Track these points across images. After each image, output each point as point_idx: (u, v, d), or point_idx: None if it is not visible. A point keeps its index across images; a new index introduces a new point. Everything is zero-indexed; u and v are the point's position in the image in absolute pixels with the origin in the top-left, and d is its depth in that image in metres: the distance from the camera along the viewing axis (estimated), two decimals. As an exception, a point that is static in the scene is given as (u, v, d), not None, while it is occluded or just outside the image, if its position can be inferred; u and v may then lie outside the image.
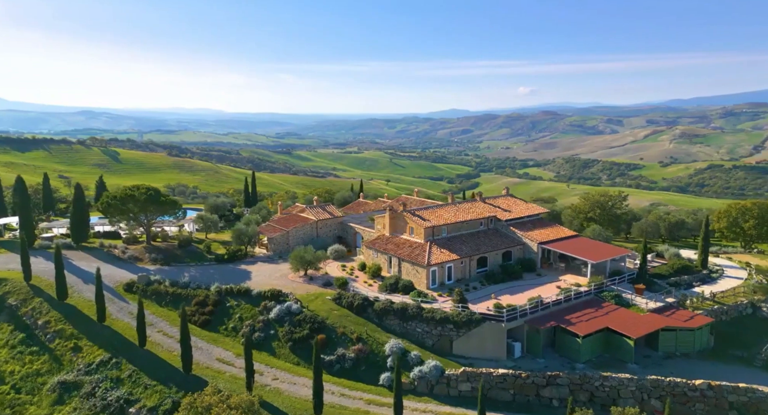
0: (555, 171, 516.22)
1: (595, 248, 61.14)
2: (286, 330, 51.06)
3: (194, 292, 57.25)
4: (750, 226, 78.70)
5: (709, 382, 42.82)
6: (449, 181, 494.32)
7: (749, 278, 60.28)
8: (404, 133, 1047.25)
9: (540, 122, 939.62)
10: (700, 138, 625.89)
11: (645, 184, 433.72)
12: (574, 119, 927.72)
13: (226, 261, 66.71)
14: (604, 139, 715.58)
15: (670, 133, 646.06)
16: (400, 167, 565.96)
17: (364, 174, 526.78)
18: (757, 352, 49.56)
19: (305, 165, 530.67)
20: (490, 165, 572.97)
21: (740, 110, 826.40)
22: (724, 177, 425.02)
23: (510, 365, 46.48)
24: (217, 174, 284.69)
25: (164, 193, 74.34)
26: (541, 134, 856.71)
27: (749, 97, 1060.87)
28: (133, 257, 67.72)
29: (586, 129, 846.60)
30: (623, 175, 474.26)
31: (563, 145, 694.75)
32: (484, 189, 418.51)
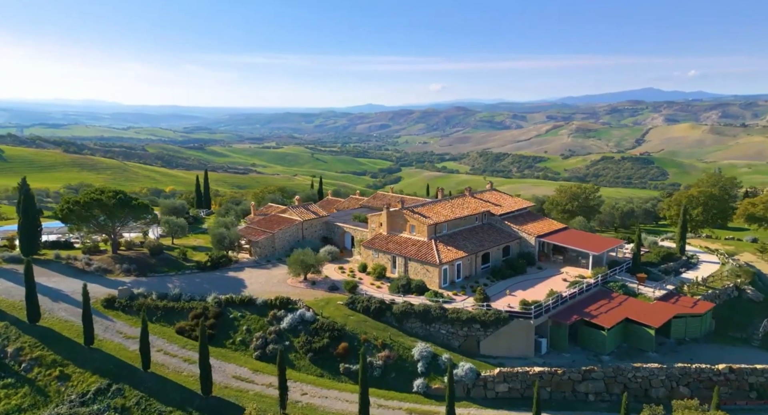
0: (470, 164, 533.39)
1: (592, 239, 62.39)
2: (303, 340, 47.44)
3: (189, 304, 51.84)
4: (698, 213, 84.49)
5: (731, 366, 44.18)
6: (372, 175, 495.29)
7: (724, 262, 64.45)
8: (323, 128, 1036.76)
9: (453, 118, 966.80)
10: (592, 132, 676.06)
11: (551, 175, 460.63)
12: (483, 115, 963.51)
13: (210, 268, 61.19)
14: (512, 133, 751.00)
15: (568, 128, 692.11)
16: (323, 162, 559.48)
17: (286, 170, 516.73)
18: (753, 332, 52.32)
19: (221, 161, 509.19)
20: (410, 159, 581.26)
21: (623, 107, 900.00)
22: (615, 167, 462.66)
23: (540, 362, 45.79)
24: (125, 172, 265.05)
25: (133, 195, 66.88)
26: (455, 129, 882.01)
27: (629, 96, 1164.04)
28: (100, 269, 60.35)
29: (494, 124, 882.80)
30: (531, 167, 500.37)
31: (476, 140, 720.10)
32: (407, 183, 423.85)
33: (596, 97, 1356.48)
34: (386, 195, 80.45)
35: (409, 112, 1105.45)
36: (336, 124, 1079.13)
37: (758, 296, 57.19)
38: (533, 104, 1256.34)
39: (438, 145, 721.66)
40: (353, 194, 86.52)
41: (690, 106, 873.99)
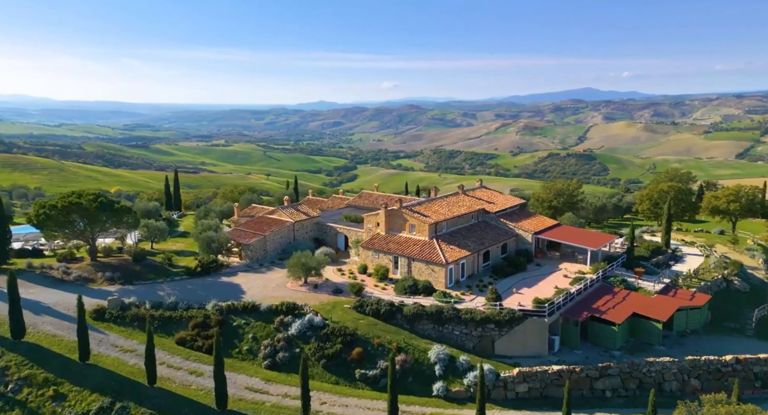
0: (424, 162, 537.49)
1: (588, 235, 62.80)
2: (315, 347, 45.31)
3: (187, 313, 48.60)
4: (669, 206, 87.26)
5: (737, 356, 44.91)
6: (328, 173, 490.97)
7: (707, 254, 66.69)
8: (274, 126, 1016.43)
9: (406, 115, 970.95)
10: (538, 130, 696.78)
11: (502, 171, 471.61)
12: (435, 113, 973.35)
13: (200, 274, 57.83)
14: (463, 131, 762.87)
15: (516, 126, 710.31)
16: (275, 160, 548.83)
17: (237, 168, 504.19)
18: (746, 322, 53.79)
19: (168, 160, 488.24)
20: (365, 157, 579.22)
21: (566, 106, 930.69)
22: (561, 164, 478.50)
23: (554, 359, 45.18)
24: (62, 172, 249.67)
25: (114, 198, 62.24)
26: (408, 127, 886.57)
27: (570, 95, 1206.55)
28: (81, 278, 55.95)
29: (446, 122, 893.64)
30: (483, 164, 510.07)
31: (429, 138, 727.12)
32: (363, 181, 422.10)
33: (541, 96, 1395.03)
34: (372, 194, 78.80)
35: (362, 109, 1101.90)
36: (288, 122, 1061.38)
37: (745, 286, 59.26)
38: (482, 103, 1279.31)
39: (392, 142, 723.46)
40: (337, 194, 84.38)
41: (625, 105, 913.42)
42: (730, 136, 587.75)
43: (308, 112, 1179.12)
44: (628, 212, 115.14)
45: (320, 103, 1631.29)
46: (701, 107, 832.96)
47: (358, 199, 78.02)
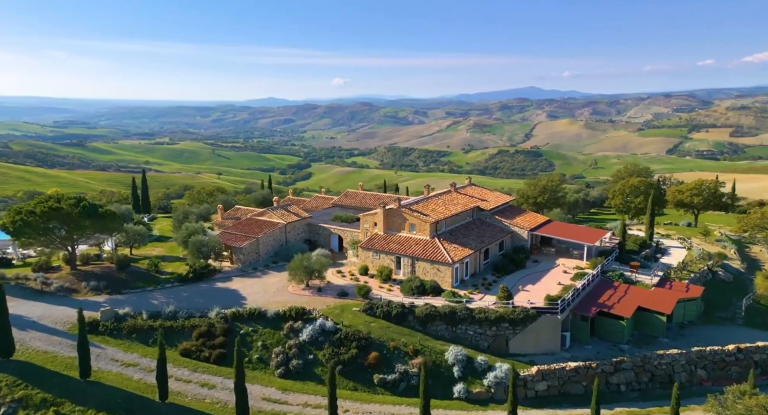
0: (379, 159, 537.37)
1: (582, 230, 63.26)
2: (329, 353, 43.47)
3: (189, 322, 45.66)
4: (640, 201, 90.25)
5: (738, 346, 46.01)
6: (281, 172, 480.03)
7: (688, 247, 69.03)
8: (221, 123, 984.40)
9: (358, 113, 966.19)
10: (487, 128, 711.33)
11: (455, 168, 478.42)
12: (387, 110, 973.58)
13: (193, 280, 54.62)
14: (416, 129, 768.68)
15: (466, 124, 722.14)
16: (225, 159, 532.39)
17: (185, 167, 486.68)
18: (735, 311, 55.37)
19: (107, 159, 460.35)
20: (318, 155, 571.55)
21: (512, 104, 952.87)
22: (510, 160, 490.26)
23: (567, 355, 45.11)
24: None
25: (97, 201, 57.65)
26: (360, 124, 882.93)
27: (515, 94, 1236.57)
28: (63, 289, 51.69)
29: (398, 120, 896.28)
30: (436, 161, 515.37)
31: (382, 135, 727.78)
32: (319, 179, 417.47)
33: (488, 95, 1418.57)
34: (358, 193, 77.26)
35: (313, 106, 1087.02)
36: (236, 119, 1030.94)
37: (728, 276, 61.48)
38: (432, 101, 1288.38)
39: (345, 140, 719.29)
40: (319, 193, 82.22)
41: (566, 103, 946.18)
42: (661, 133, 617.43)
43: (257, 109, 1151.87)
44: (594, 206, 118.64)
45: (270, 99, 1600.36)
46: (634, 106, 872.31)
47: (344, 198, 76.30)
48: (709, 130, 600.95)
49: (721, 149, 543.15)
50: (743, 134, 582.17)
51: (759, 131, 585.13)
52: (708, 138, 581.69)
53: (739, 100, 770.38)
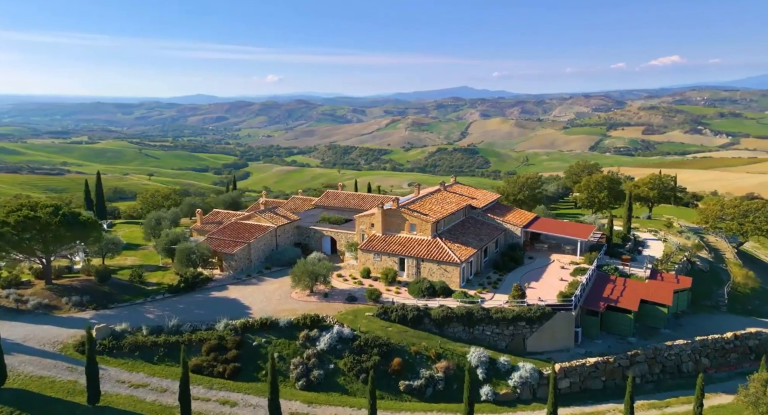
0: (320, 158, 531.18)
1: (573, 226, 63.61)
2: (351, 361, 41.48)
3: (195, 336, 42.11)
4: (604, 195, 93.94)
5: (735, 333, 47.78)
6: (216, 171, 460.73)
7: (663, 239, 72.09)
8: (146, 120, 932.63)
9: (295, 110, 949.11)
10: (425, 126, 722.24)
11: (397, 166, 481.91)
12: (325, 108, 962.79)
13: (185, 290, 50.69)
14: (355, 127, 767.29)
15: (405, 122, 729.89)
16: (154, 159, 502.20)
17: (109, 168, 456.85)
18: (718, 299, 57.56)
19: (15, 160, 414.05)
20: (255, 153, 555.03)
21: (447, 103, 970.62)
22: (449, 158, 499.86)
23: (581, 351, 45.14)
24: None
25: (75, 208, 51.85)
26: (298, 122, 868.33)
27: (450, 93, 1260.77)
28: (42, 306, 46.45)
29: (336, 118, 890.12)
30: (377, 159, 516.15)
31: (321, 133, 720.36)
32: (258, 178, 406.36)
33: (424, 94, 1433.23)
34: (339, 193, 75.09)
35: (247, 104, 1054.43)
36: (163, 116, 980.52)
37: (705, 266, 64.25)
38: (370, 99, 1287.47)
39: (283, 138, 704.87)
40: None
41: (497, 103, 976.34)
42: (583, 131, 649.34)
43: (186, 106, 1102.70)
44: (553, 201, 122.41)
45: (199, 96, 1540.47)
46: (558, 105, 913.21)
47: (325, 199, 73.93)
48: (624, 129, 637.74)
49: (635, 146, 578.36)
50: (653, 132, 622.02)
51: (667, 129, 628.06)
52: (624, 136, 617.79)
53: (649, 101, 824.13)
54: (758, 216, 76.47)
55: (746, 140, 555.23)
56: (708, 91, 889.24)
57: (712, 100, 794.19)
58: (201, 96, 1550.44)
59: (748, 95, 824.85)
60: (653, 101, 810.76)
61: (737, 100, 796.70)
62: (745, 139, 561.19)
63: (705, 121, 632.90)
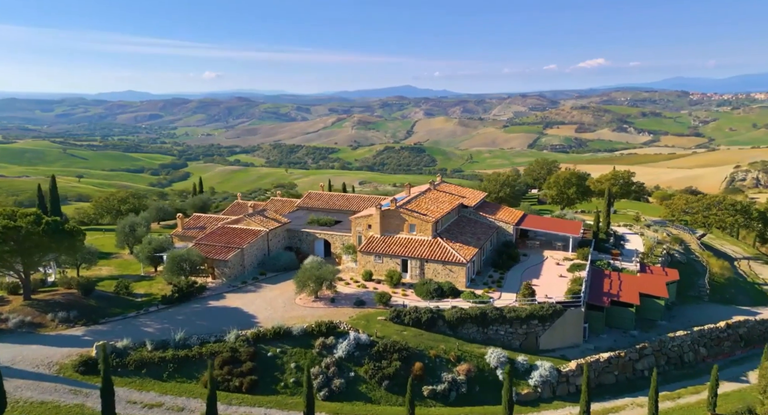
0: (264, 157, 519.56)
1: (563, 223, 64.47)
2: (371, 368, 40.17)
3: (205, 349, 39.48)
4: (572, 192, 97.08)
5: (727, 322, 49.72)
6: (153, 172, 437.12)
7: (640, 233, 74.96)
8: (70, 118, 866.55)
9: (236, 108, 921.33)
10: (372, 125, 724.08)
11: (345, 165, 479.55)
12: (267, 106, 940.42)
13: (180, 300, 47.69)
14: (300, 125, 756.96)
15: (351, 121, 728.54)
16: (81, 159, 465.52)
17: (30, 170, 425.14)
18: (700, 290, 59.74)
19: None
20: (195, 153, 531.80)
21: (392, 102, 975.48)
22: (396, 156, 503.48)
23: (591, 346, 45.69)
24: None
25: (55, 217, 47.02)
26: (239, 120, 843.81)
27: (394, 92, 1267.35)
28: (25, 324, 42.26)
29: (280, 116, 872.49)
30: (325, 158, 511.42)
31: (265, 132, 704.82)
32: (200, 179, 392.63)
33: (368, 92, 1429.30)
34: (322, 194, 73.25)
35: (184, 101, 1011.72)
36: (89, 114, 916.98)
37: (683, 258, 67.72)
38: (314, 97, 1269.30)
39: (224, 137, 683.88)
40: (275, 195, 76.62)
41: (441, 102, 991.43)
42: (522, 129, 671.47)
43: (115, 103, 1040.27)
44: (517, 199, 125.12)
45: (129, 93, 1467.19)
46: (498, 105, 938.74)
47: (308, 200, 71.96)
48: (559, 127, 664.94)
49: (569, 143, 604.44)
50: (585, 130, 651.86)
51: (597, 127, 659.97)
52: (559, 134, 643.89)
53: (579, 101, 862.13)
54: (721, 209, 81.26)
55: (665, 138, 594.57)
56: (630, 92, 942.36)
57: (634, 100, 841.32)
58: (132, 92, 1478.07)
59: (665, 96, 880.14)
60: (583, 101, 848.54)
61: (656, 100, 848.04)
62: (665, 136, 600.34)
63: (629, 120, 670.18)
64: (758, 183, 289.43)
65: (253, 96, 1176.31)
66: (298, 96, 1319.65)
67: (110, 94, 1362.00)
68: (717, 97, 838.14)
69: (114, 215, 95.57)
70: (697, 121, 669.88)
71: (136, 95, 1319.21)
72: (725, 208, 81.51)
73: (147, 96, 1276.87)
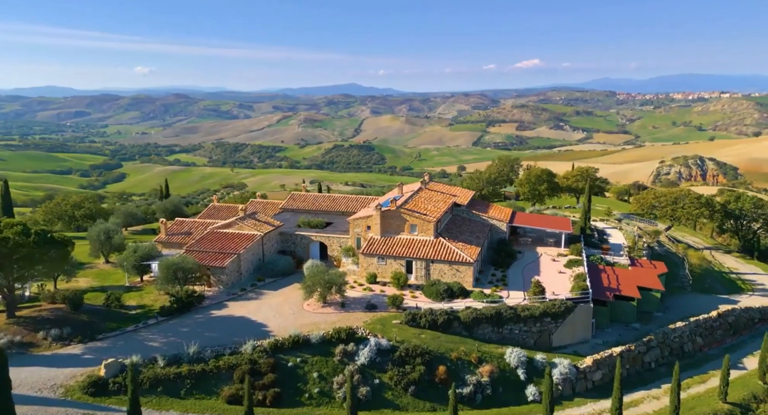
0: (207, 156, 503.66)
1: (554, 219, 65.69)
2: (395, 374, 39.21)
3: (221, 362, 37.46)
4: (543, 188, 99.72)
5: (718, 312, 51.99)
6: (83, 173, 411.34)
7: (619, 227, 77.96)
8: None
9: (173, 106, 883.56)
10: (318, 123, 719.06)
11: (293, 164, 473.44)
12: (207, 103, 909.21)
13: (179, 312, 45.19)
14: (243, 123, 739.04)
15: (297, 119, 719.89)
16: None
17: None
18: (683, 280, 62.58)
19: None
20: (130, 153, 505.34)
21: (338, 100, 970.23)
22: (345, 155, 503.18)
23: (599, 341, 46.54)
24: None
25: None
26: (177, 118, 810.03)
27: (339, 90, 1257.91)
28: (16, 344, 38.72)
29: (221, 113, 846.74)
30: (272, 156, 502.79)
31: (205, 130, 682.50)
32: (137, 180, 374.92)
33: (312, 90, 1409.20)
34: (307, 195, 71.47)
35: (114, 97, 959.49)
36: (4, 111, 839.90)
37: (662, 250, 71.00)
38: (256, 94, 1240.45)
39: (162, 136, 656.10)
40: (253, 197, 74.16)
41: (387, 100, 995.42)
42: (466, 127, 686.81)
43: (34, 99, 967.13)
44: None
45: (50, 88, 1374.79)
46: (442, 103, 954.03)
47: (292, 201, 70.05)
48: (501, 125, 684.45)
49: (511, 141, 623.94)
50: (525, 128, 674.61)
51: (536, 125, 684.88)
52: (501, 132, 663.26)
53: (519, 100, 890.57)
54: (687, 203, 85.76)
55: (597, 135, 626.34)
56: (564, 91, 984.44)
57: (568, 99, 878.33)
58: (53, 88, 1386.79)
59: (595, 96, 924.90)
60: (522, 100, 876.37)
61: (587, 99, 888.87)
62: (597, 134, 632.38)
63: (565, 119, 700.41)
64: (681, 176, 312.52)
65: (191, 93, 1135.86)
66: (240, 93, 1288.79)
67: (29, 90, 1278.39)
68: (640, 97, 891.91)
69: (67, 221, 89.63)
70: (624, 119, 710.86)
71: (59, 91, 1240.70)
72: (691, 201, 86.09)
73: (71, 92, 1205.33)
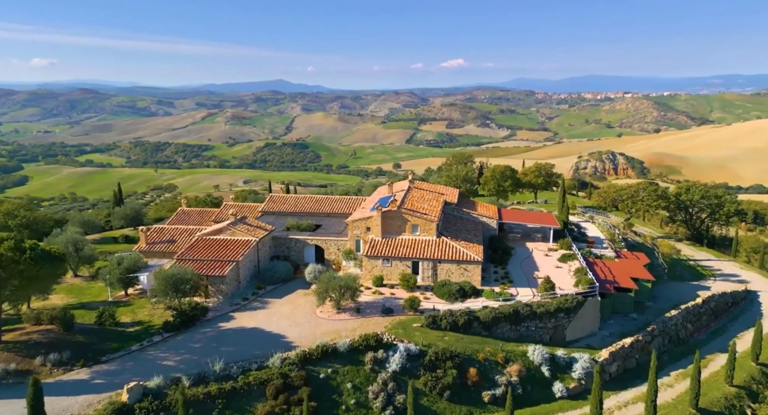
0: (125, 156, 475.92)
1: (540, 216, 67.41)
2: (429, 379, 38.70)
3: (250, 379, 35.46)
4: (508, 185, 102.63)
5: (702, 298, 55.19)
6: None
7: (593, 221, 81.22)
8: None
9: (80, 101, 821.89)
10: (247, 120, 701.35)
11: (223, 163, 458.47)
12: (121, 100, 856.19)
13: (185, 326, 42.21)
14: (164, 121, 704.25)
15: (223, 116, 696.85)
16: None
17: None
18: (658, 270, 66.99)
19: None
20: (32, 153, 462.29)
21: (266, 97, 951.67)
22: (278, 153, 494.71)
23: (606, 333, 47.93)
24: None
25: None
26: (87, 115, 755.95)
27: (266, 86, 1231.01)
28: (12, 373, 34.65)
29: (138, 110, 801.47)
30: (198, 156, 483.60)
31: (121, 128, 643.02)
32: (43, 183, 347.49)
33: (238, 86, 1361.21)
34: (287, 197, 69.15)
35: (8, 92, 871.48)
36: None
37: (632, 241, 74.92)
38: (176, 90, 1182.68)
39: (69, 134, 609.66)
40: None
41: (317, 97, 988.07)
42: (399, 125, 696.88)
43: None
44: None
45: None
46: (373, 101, 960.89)
47: (272, 204, 67.52)
48: (431, 123, 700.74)
49: (442, 138, 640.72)
50: (454, 126, 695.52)
51: (464, 123, 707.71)
52: (432, 129, 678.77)
53: (447, 98, 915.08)
54: (645, 196, 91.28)
55: (520, 132, 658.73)
56: (489, 90, 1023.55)
57: (492, 98, 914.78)
58: None
59: (516, 95, 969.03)
60: (450, 99, 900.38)
61: (509, 98, 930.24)
62: (520, 131, 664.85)
63: (491, 117, 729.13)
64: (596, 170, 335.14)
65: (101, 88, 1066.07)
66: (157, 89, 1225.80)
67: None
68: (556, 97, 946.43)
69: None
70: (543, 117, 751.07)
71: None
72: (648, 194, 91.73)
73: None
